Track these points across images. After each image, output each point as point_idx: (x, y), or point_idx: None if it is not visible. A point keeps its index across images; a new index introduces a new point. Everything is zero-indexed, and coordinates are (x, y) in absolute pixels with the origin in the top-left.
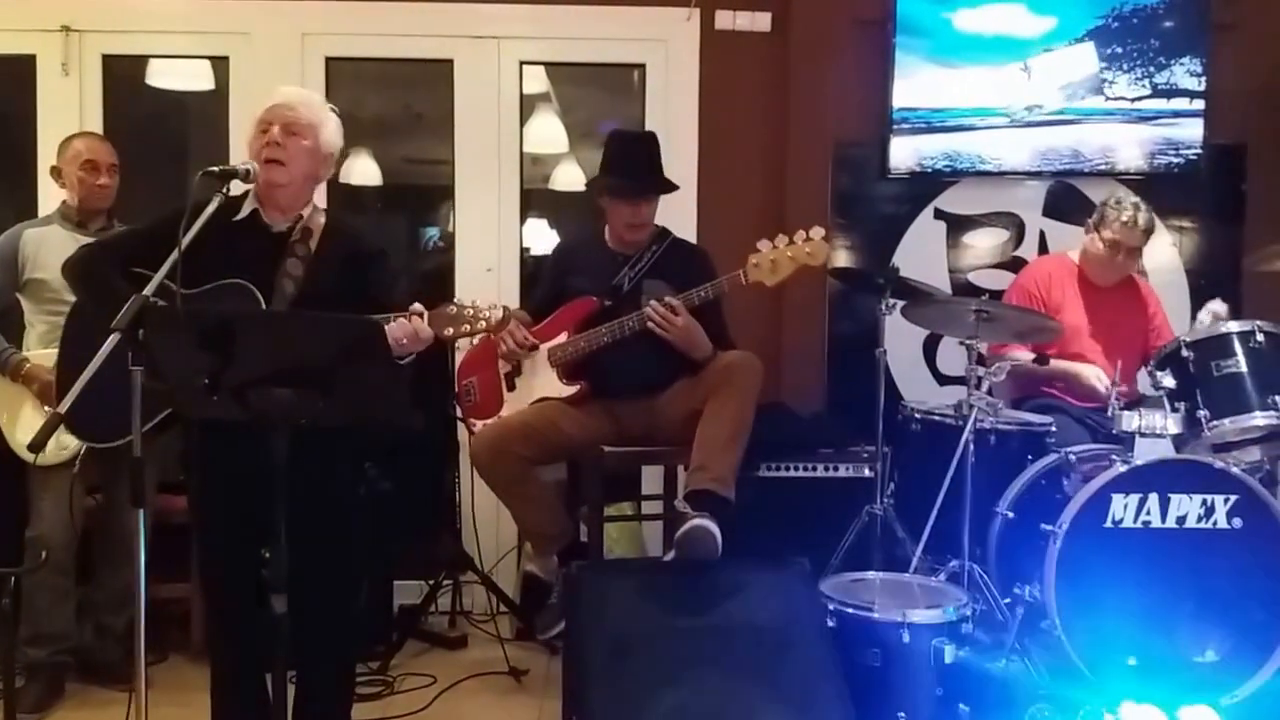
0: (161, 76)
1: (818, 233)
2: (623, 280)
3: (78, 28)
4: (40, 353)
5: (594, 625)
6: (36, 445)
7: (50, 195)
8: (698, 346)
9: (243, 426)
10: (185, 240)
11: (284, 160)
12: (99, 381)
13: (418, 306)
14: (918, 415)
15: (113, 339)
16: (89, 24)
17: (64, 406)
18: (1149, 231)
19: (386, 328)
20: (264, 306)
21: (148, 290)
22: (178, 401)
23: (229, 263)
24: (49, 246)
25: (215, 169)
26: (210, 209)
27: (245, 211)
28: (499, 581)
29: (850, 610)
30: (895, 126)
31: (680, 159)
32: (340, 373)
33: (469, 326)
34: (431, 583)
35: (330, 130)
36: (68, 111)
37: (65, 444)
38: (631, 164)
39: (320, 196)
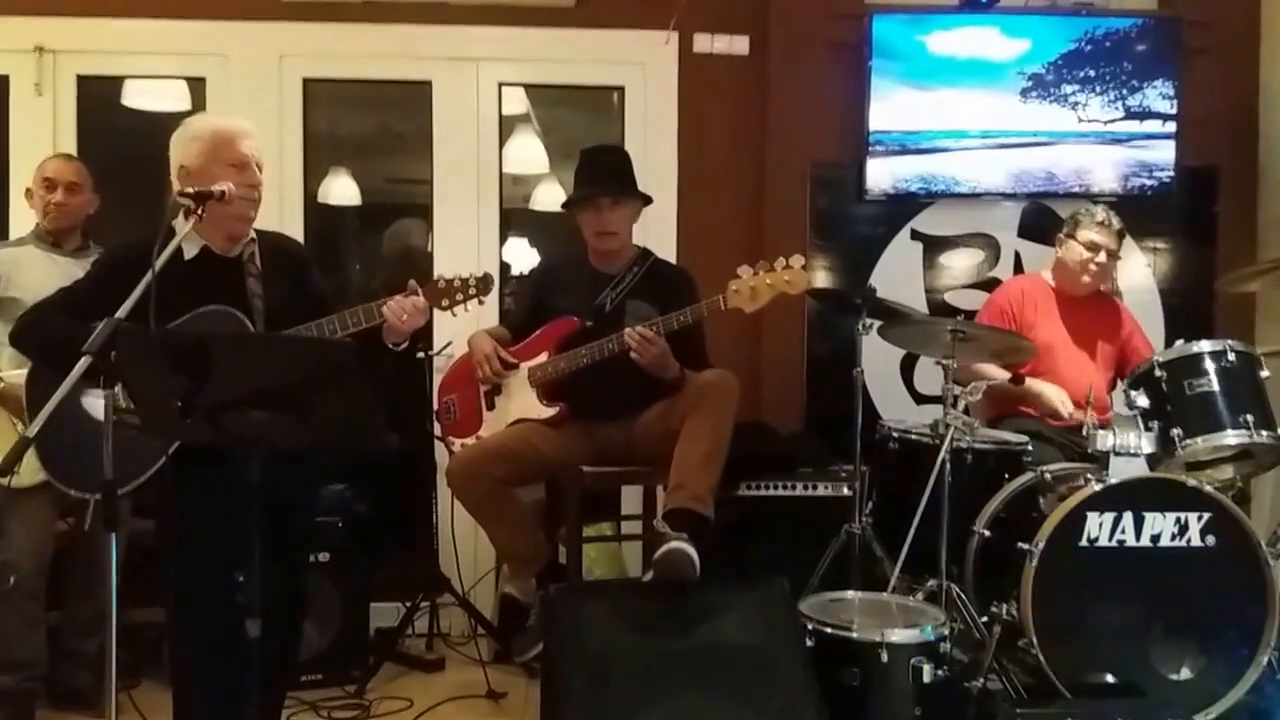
0: (137, 97)
1: (797, 261)
2: (605, 301)
3: (52, 48)
4: (13, 373)
5: (572, 647)
6: (4, 469)
7: (21, 216)
8: (667, 369)
9: (217, 450)
10: (159, 263)
11: (261, 193)
12: (86, 434)
13: (414, 284)
14: (895, 434)
15: (83, 362)
16: (63, 45)
17: (33, 430)
18: (1122, 234)
19: (387, 307)
20: (250, 328)
21: (120, 313)
22: (150, 425)
23: (199, 299)
24: (24, 266)
25: (191, 190)
26: (187, 227)
27: (194, 248)
28: (477, 603)
29: (829, 630)
30: (871, 148)
31: (659, 180)
32: (315, 394)
33: (460, 295)
34: (409, 605)
35: None
36: (41, 132)
37: (38, 467)
38: (596, 172)
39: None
